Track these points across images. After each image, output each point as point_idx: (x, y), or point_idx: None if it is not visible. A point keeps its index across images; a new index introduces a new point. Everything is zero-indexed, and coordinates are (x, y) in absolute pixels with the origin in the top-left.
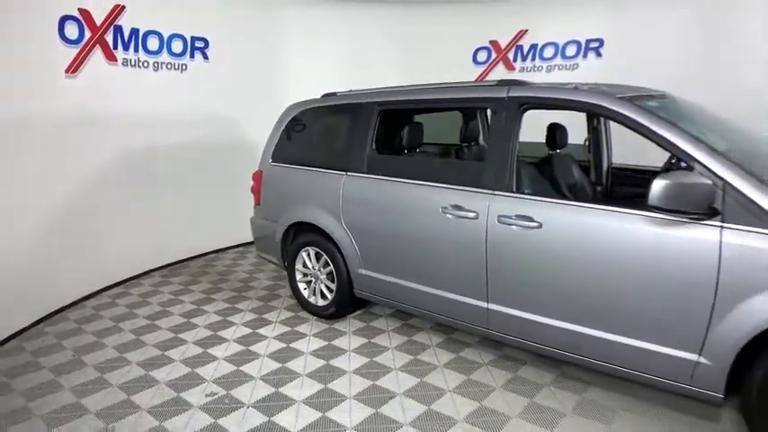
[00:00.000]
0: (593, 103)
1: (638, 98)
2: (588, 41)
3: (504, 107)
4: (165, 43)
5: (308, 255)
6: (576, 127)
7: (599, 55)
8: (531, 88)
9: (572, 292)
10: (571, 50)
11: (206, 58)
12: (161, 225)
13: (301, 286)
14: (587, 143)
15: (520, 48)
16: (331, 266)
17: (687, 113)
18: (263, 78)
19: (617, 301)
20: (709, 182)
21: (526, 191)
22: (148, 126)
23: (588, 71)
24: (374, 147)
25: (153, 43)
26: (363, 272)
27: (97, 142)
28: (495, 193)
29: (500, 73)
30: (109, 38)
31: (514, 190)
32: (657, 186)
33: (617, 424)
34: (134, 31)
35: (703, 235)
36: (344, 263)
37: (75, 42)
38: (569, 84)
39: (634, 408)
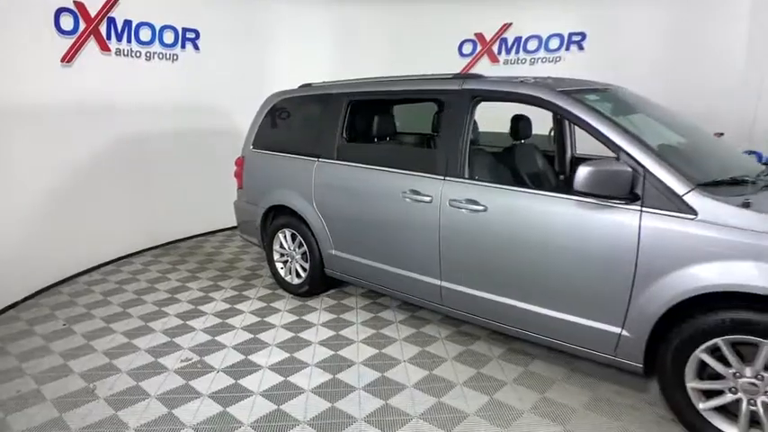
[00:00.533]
0: (535, 96)
1: (579, 92)
2: (571, 35)
3: (458, 99)
4: (156, 34)
5: (285, 236)
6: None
7: (581, 48)
8: (482, 82)
9: (512, 271)
10: (554, 43)
11: (197, 48)
12: (153, 208)
13: (279, 266)
14: (551, 134)
15: (504, 40)
16: (305, 247)
17: (629, 106)
18: (252, 68)
19: (551, 279)
20: (629, 169)
21: (476, 177)
22: (140, 113)
23: (571, 64)
24: (343, 135)
25: (145, 34)
26: (333, 252)
27: (91, 127)
28: (447, 178)
29: (485, 65)
30: (103, 29)
31: (465, 176)
32: (582, 173)
33: (551, 392)
34: (127, 23)
35: (625, 218)
36: (316, 244)
37: (71, 33)
38: (518, 77)
39: (571, 379)
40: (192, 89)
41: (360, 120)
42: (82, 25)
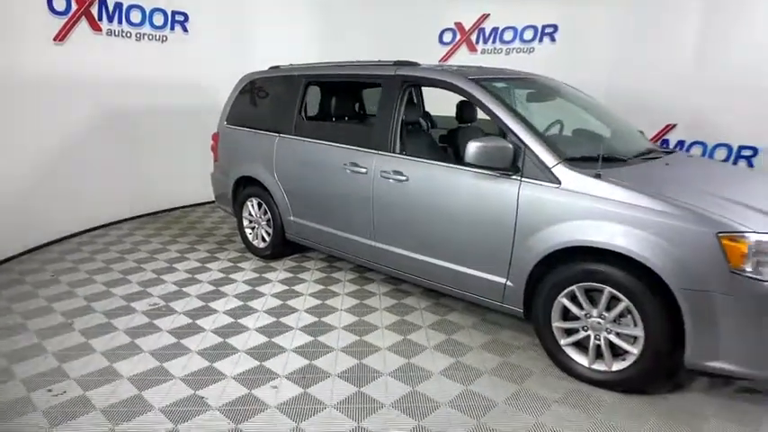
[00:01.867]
0: (448, 82)
1: (487, 80)
2: (544, 27)
3: (391, 83)
4: (146, 16)
5: (252, 204)
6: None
7: (553, 40)
8: (411, 69)
9: (427, 232)
10: (528, 35)
11: (185, 30)
12: (141, 179)
13: (248, 231)
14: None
15: (482, 31)
16: (269, 214)
17: (545, 93)
18: (239, 49)
19: (456, 239)
20: (510, 145)
21: (402, 152)
22: (131, 90)
23: (543, 55)
24: (300, 113)
25: (135, 16)
26: (292, 218)
27: (83, 101)
28: (380, 152)
29: (464, 54)
30: (94, 10)
31: (393, 151)
32: (471, 148)
33: (457, 335)
34: (118, 5)
35: (508, 187)
36: (278, 211)
37: (63, 14)
38: (441, 65)
39: (478, 326)
40: (180, 68)
41: (314, 100)
42: (74, 6)
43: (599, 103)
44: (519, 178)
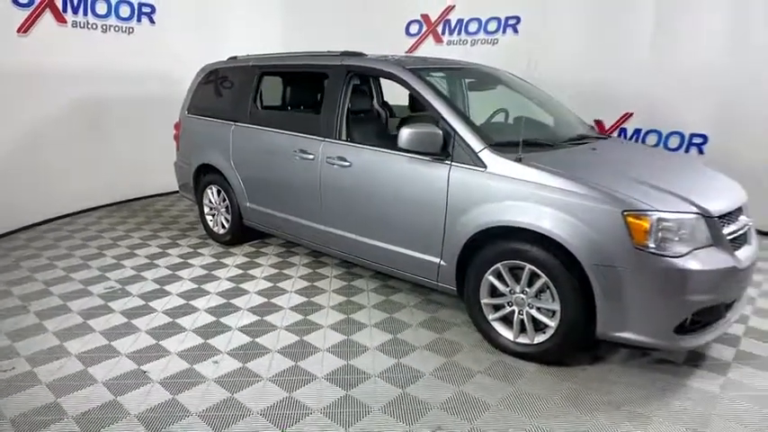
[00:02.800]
0: (386, 71)
1: (425, 69)
2: (507, 18)
3: (337, 73)
4: (112, 8)
5: (212, 191)
6: None
7: (516, 31)
8: (356, 59)
9: (369, 215)
10: (492, 26)
11: (152, 22)
12: (110, 168)
13: (208, 218)
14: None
15: (448, 22)
16: (227, 201)
17: (486, 82)
18: (207, 40)
19: (395, 221)
20: (440, 131)
21: (346, 138)
22: (98, 81)
23: (506, 46)
24: (255, 102)
25: (101, 8)
26: (248, 204)
27: (49, 93)
28: (326, 139)
29: (430, 45)
30: (58, 2)
31: (338, 138)
32: (403, 134)
33: (398, 314)
34: None
35: (439, 170)
36: (235, 198)
37: (27, 6)
38: (386, 56)
39: (420, 305)
40: (147, 59)
41: (269, 89)
42: None
43: (540, 91)
44: (449, 162)
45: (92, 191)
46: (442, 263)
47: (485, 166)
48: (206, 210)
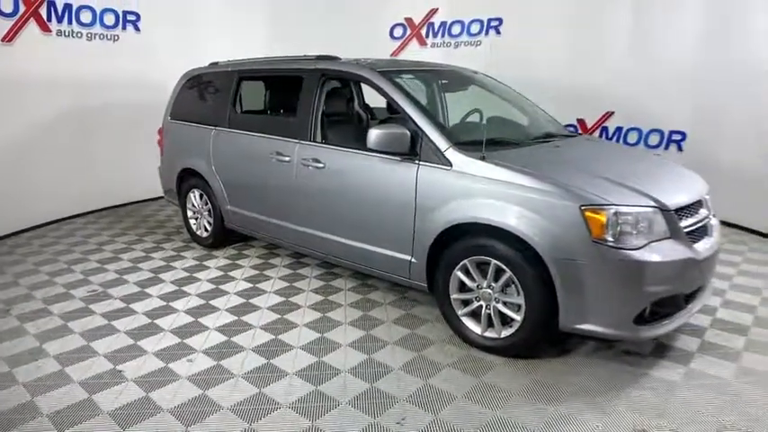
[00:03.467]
0: (357, 74)
1: (396, 72)
2: (490, 20)
3: (311, 76)
4: (97, 16)
5: (195, 195)
6: None
7: (498, 33)
8: (330, 62)
9: (343, 215)
10: (475, 28)
11: (137, 29)
12: (97, 174)
13: (192, 222)
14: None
15: (431, 25)
16: (209, 204)
17: (458, 83)
18: (192, 47)
19: (368, 220)
20: (407, 131)
21: (320, 140)
22: (84, 88)
23: (489, 48)
24: (233, 106)
25: (86, 16)
26: (229, 208)
27: (34, 100)
28: (301, 141)
29: (414, 48)
30: (43, 11)
31: (312, 140)
32: (372, 135)
33: (373, 312)
34: (67, 6)
35: (408, 170)
36: (216, 201)
37: (11, 15)
38: (358, 60)
39: (396, 303)
40: (132, 66)
41: (246, 93)
42: (22, 8)
43: (514, 92)
44: (417, 162)
45: (78, 197)
46: (413, 260)
47: (450, 165)
48: (189, 213)
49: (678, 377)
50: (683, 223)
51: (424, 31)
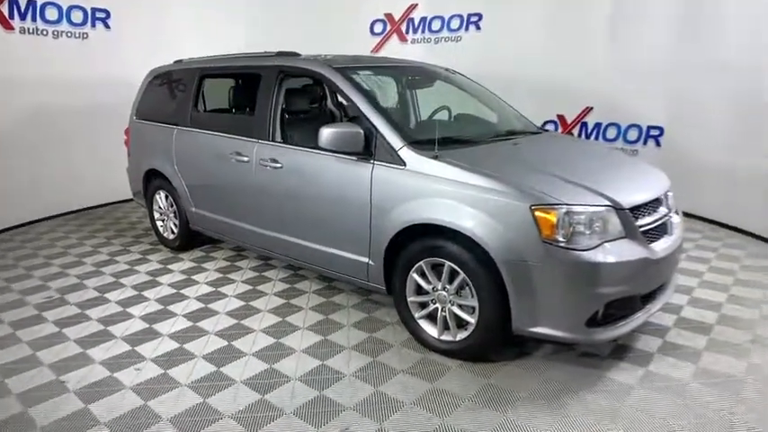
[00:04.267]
0: (314, 70)
1: (352, 68)
2: (470, 15)
3: (269, 74)
4: (63, 14)
5: (160, 197)
6: None
7: (479, 28)
8: (287, 59)
9: (302, 217)
10: (455, 23)
11: (107, 27)
12: (68, 176)
13: (159, 224)
14: (397, 105)
15: (411, 21)
16: (175, 206)
17: (423, 80)
18: (164, 44)
19: (325, 221)
20: (361, 130)
21: (278, 140)
22: (52, 87)
23: (469, 43)
24: (195, 105)
25: (51, 13)
26: (193, 209)
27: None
28: (259, 141)
29: (394, 44)
30: (4, 8)
31: (270, 139)
32: (324, 134)
33: (334, 315)
34: (31, 3)
35: (363, 169)
36: (181, 202)
37: None
38: (317, 56)
39: (358, 306)
40: (103, 65)
41: (207, 92)
42: None
43: (481, 88)
44: (372, 161)
45: (50, 199)
46: (370, 262)
47: (404, 164)
48: (156, 215)
49: (635, 380)
50: (640, 222)
51: (404, 27)
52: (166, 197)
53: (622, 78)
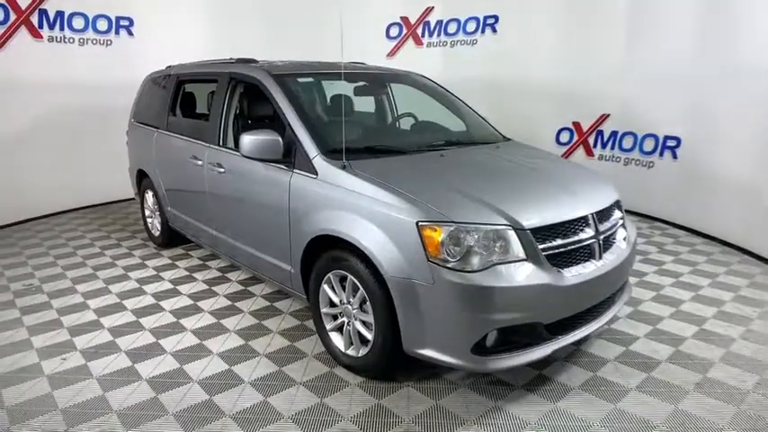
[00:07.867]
0: (251, 76)
1: (290, 75)
2: (486, 18)
3: (222, 80)
4: (90, 22)
5: (149, 196)
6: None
7: (495, 31)
8: (239, 66)
9: (240, 221)
10: (471, 26)
11: (131, 34)
12: (92, 171)
13: (149, 221)
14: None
15: (427, 24)
16: (158, 204)
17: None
18: (186, 50)
19: (257, 226)
20: (279, 137)
21: (224, 145)
22: (77, 91)
23: (485, 46)
24: (171, 109)
25: (78, 23)
26: (170, 209)
27: (26, 103)
28: (210, 146)
29: (410, 48)
30: (34, 19)
31: (218, 144)
32: (245, 141)
33: (269, 321)
34: (59, 13)
35: (283, 177)
36: (161, 201)
37: (1, 23)
38: (274, 62)
39: (297, 313)
40: (126, 71)
41: (181, 96)
42: (12, 16)
43: (445, 92)
44: (292, 170)
45: (65, 195)
46: (291, 270)
47: (316, 174)
48: (147, 213)
49: (535, 416)
50: (551, 244)
51: (419, 31)
52: (153, 196)
53: (641, 85)
